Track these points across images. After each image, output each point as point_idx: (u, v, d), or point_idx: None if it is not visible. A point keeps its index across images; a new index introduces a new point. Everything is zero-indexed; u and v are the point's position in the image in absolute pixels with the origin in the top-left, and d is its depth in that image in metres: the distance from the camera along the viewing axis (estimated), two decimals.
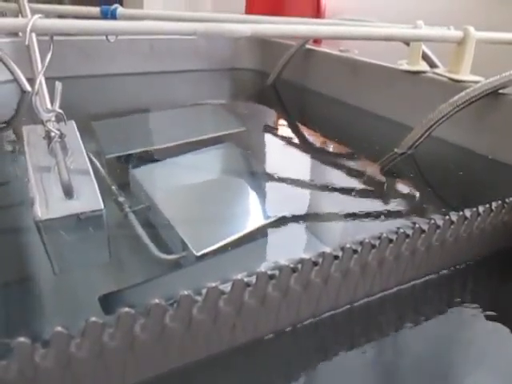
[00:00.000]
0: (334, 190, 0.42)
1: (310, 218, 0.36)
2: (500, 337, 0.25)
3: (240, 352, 0.23)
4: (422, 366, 0.23)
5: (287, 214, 0.37)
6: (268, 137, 0.57)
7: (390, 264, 0.26)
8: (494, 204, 0.30)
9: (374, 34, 0.51)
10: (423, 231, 0.27)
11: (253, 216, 0.37)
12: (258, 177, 0.44)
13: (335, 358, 0.23)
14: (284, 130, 0.61)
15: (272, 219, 0.36)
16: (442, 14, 0.71)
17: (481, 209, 0.29)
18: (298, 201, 0.40)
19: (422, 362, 0.24)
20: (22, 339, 0.17)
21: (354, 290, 0.26)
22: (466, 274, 0.30)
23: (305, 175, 0.45)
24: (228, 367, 0.22)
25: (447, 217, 0.28)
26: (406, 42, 0.62)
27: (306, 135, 0.59)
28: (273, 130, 0.61)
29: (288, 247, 0.34)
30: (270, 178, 0.44)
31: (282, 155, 0.50)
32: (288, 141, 0.56)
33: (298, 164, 0.48)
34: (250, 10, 1.20)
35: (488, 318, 0.26)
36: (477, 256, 0.31)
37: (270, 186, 0.42)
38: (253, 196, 0.41)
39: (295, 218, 0.36)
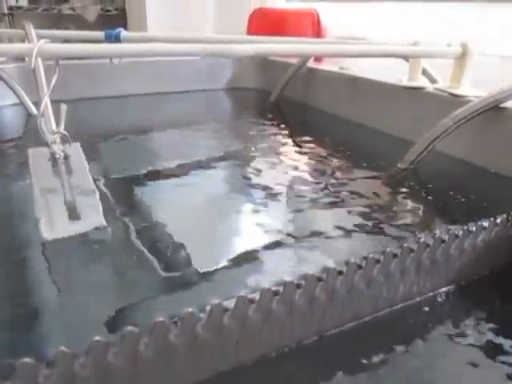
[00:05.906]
0: (338, 206, 0.42)
1: (313, 234, 0.36)
2: (505, 354, 0.25)
3: (245, 369, 0.22)
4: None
5: (291, 230, 0.37)
6: (271, 154, 0.57)
7: (396, 279, 0.26)
8: (498, 218, 0.29)
9: (375, 51, 0.51)
10: (428, 245, 0.27)
11: (256, 233, 0.37)
12: (261, 195, 0.44)
13: (341, 377, 0.23)
14: (287, 146, 0.62)
15: (276, 236, 0.36)
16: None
17: (485, 223, 0.29)
18: (302, 217, 0.40)
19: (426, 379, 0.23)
20: (25, 359, 0.17)
21: (359, 305, 0.25)
22: (471, 288, 0.30)
23: (308, 192, 0.45)
24: None
25: (451, 231, 0.28)
26: (406, 58, 0.63)
27: (309, 152, 0.59)
28: (276, 147, 0.61)
29: (292, 264, 0.34)
30: (274, 195, 0.44)
31: (285, 172, 0.50)
32: (291, 158, 0.56)
33: (300, 181, 0.48)
34: (251, 31, 1.22)
35: (493, 333, 0.26)
36: (482, 270, 0.30)
37: (273, 203, 0.42)
38: (256, 214, 0.41)
39: (299, 235, 0.36)
